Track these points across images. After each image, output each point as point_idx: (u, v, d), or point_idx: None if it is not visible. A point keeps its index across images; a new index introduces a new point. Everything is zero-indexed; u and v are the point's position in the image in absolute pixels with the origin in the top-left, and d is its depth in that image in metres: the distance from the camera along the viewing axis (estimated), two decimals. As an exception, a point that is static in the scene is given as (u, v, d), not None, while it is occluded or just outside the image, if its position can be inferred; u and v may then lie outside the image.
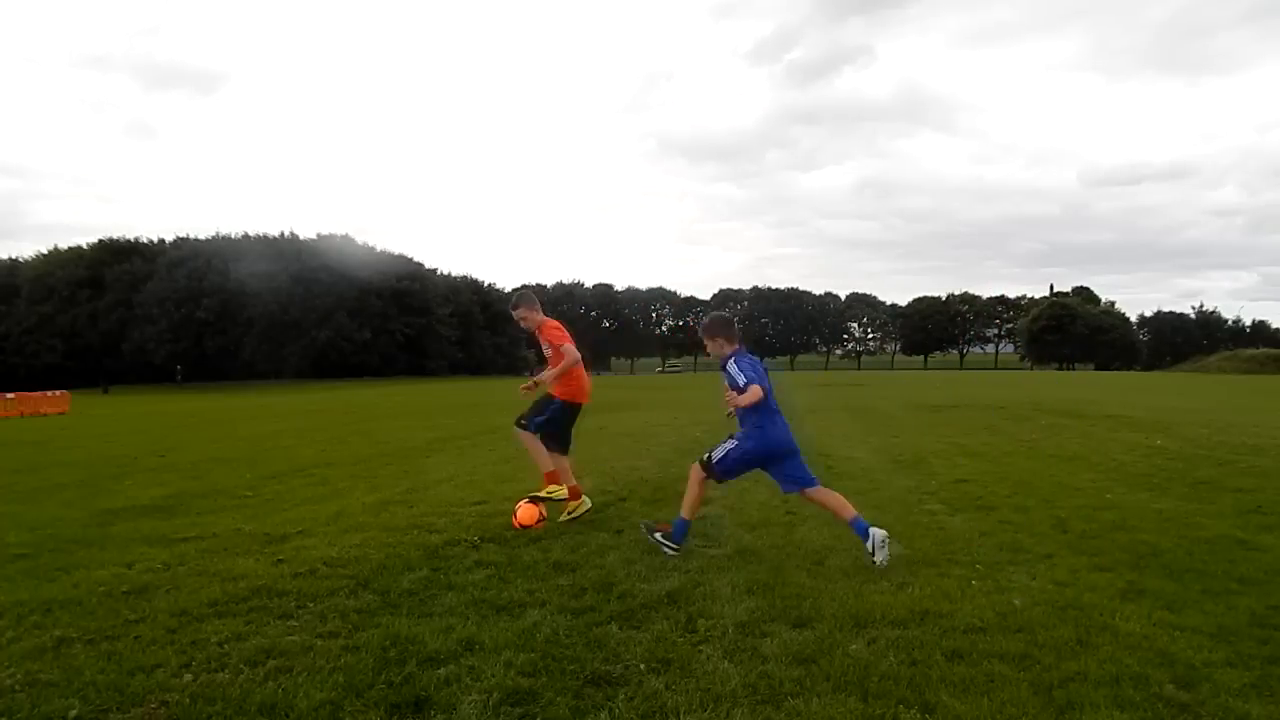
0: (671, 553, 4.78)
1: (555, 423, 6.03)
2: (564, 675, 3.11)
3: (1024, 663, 3.20)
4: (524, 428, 6.00)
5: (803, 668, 3.16)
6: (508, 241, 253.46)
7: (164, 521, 6.26)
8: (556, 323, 6.13)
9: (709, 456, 4.90)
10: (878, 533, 4.57)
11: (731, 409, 4.80)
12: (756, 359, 4.93)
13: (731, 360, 4.79)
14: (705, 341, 5.06)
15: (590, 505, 6.02)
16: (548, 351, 6.04)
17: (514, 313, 6.20)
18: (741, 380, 4.61)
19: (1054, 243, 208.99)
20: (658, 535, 4.91)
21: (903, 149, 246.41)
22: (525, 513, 5.68)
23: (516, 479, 8.07)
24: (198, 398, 39.41)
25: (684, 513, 4.92)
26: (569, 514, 5.88)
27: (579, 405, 6.13)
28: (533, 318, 6.10)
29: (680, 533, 4.89)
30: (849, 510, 4.75)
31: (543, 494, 5.92)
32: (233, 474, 9.00)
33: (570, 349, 5.92)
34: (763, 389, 4.62)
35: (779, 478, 4.91)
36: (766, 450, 4.83)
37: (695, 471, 4.95)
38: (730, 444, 4.87)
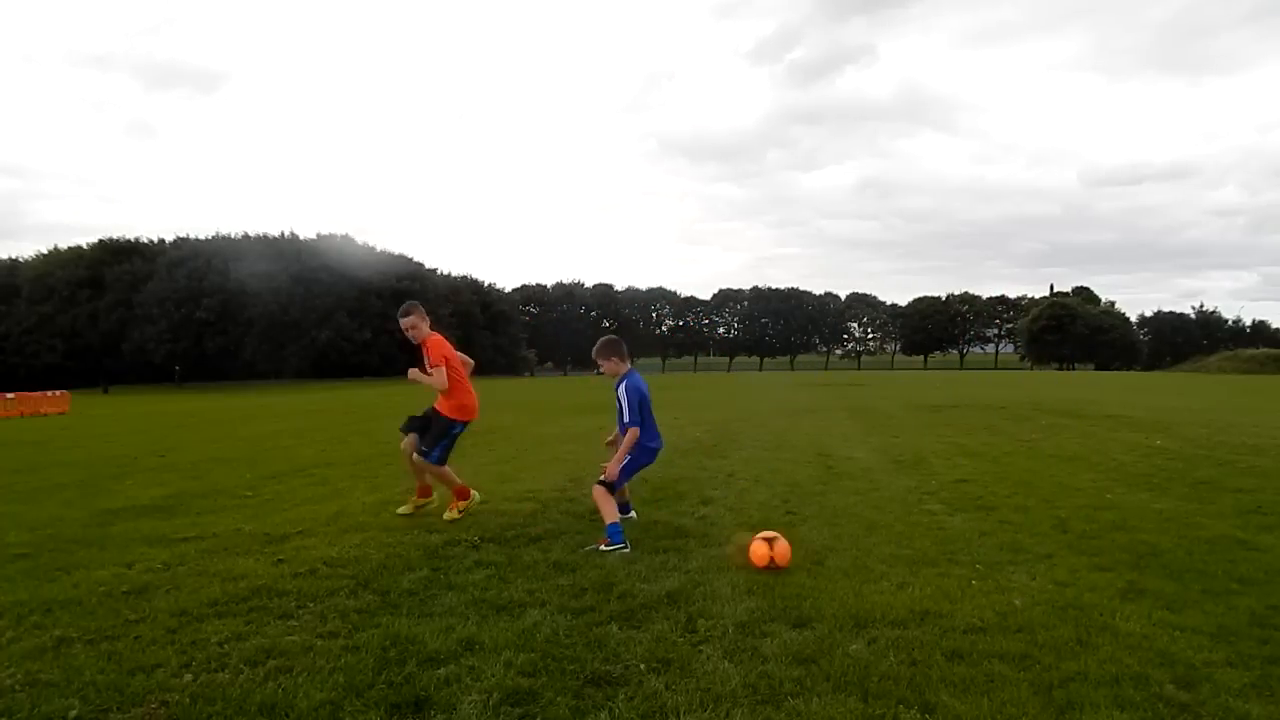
0: (625, 549, 4.93)
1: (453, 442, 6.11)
2: (564, 675, 3.11)
3: (1024, 663, 3.21)
4: (425, 456, 5.98)
5: (803, 668, 3.16)
6: (508, 241, 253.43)
7: (164, 521, 6.26)
8: (440, 339, 6.07)
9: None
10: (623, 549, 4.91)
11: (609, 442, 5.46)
12: (641, 379, 5.45)
13: (622, 385, 5.33)
14: (599, 362, 5.54)
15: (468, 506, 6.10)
16: (429, 367, 6.01)
17: (402, 320, 6.09)
18: (626, 417, 5.24)
19: (1054, 243, 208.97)
20: (601, 548, 4.97)
21: (904, 149, 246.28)
22: (757, 551, 4.59)
23: (517, 479, 8.08)
24: (198, 398, 39.42)
25: (609, 519, 5.08)
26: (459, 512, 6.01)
27: (469, 422, 6.17)
28: (421, 329, 6.04)
29: (617, 534, 5.02)
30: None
31: (454, 514, 5.99)
32: (233, 474, 9.01)
33: (440, 374, 5.88)
34: (639, 419, 5.24)
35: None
36: (647, 461, 5.49)
37: (599, 491, 5.21)
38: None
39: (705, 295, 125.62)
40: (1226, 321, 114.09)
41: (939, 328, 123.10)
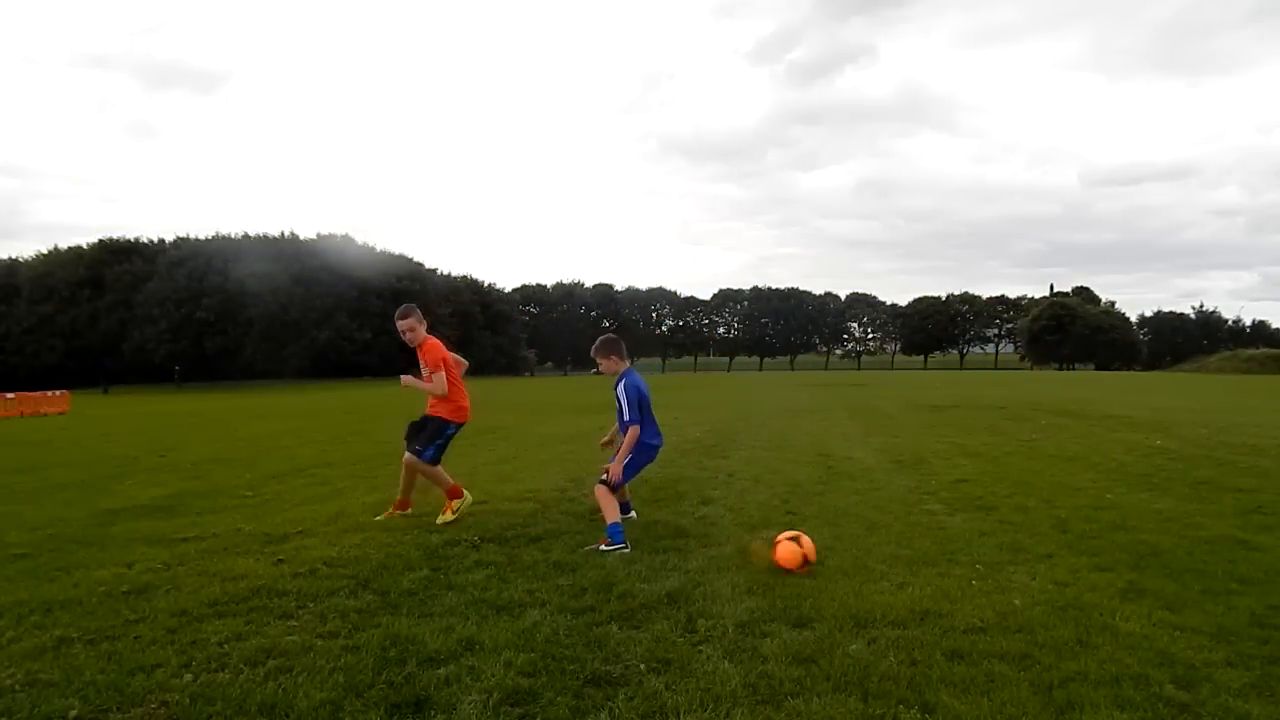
0: (625, 549, 4.96)
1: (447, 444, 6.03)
2: (564, 675, 3.11)
3: (1024, 663, 3.21)
4: (419, 455, 5.90)
5: (803, 668, 3.16)
6: (508, 241, 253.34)
7: (164, 521, 6.26)
8: (437, 342, 6.02)
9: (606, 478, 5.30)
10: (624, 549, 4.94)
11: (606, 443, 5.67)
12: (640, 377, 5.49)
13: (621, 383, 5.37)
14: (598, 360, 5.61)
15: (469, 500, 6.10)
16: (425, 373, 5.98)
17: (400, 323, 6.03)
18: (627, 415, 5.26)
19: (1054, 243, 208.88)
20: (601, 548, 4.99)
21: (903, 149, 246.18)
22: (785, 552, 4.53)
23: (516, 479, 8.08)
24: (198, 398, 39.39)
25: (610, 519, 5.12)
26: (453, 513, 5.92)
27: (463, 424, 6.12)
28: (418, 332, 5.99)
29: (618, 534, 5.05)
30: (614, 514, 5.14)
31: (449, 515, 5.90)
32: (233, 474, 9.01)
33: (440, 379, 5.87)
34: (639, 417, 5.27)
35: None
36: (648, 459, 5.52)
37: (601, 490, 5.27)
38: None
39: (705, 295, 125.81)
40: (1226, 321, 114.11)
41: (939, 328, 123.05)
